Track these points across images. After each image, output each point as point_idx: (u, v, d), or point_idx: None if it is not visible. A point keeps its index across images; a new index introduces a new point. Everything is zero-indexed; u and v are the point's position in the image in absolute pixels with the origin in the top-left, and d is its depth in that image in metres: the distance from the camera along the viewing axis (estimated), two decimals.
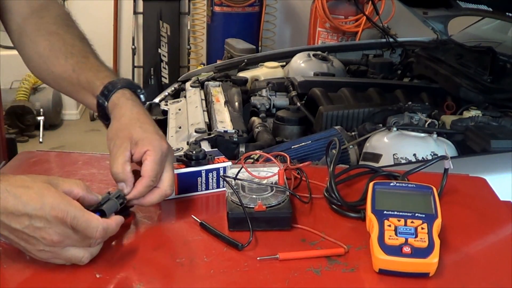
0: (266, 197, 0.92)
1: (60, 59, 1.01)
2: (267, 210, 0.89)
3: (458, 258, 0.84)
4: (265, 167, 0.99)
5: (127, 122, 0.91)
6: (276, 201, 0.90)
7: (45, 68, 1.03)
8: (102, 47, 5.07)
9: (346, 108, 2.03)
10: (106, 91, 0.95)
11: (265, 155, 0.99)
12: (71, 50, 1.01)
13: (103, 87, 0.95)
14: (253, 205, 0.89)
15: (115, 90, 0.95)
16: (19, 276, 0.77)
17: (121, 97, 0.94)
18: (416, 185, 0.93)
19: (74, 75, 0.99)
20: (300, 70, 2.58)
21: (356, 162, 1.73)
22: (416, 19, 2.73)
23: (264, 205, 0.89)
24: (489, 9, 2.30)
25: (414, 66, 2.57)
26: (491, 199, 1.04)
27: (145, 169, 0.87)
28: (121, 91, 0.95)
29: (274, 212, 0.89)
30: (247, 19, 4.75)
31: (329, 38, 4.50)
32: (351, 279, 0.78)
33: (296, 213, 0.93)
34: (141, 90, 0.99)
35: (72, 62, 1.00)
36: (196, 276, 0.78)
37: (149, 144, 0.88)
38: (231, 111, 2.05)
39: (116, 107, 0.94)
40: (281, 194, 0.93)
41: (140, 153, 0.88)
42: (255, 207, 0.89)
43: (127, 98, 0.95)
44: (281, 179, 0.95)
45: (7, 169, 1.11)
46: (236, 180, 0.95)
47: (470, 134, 1.74)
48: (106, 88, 0.95)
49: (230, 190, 0.93)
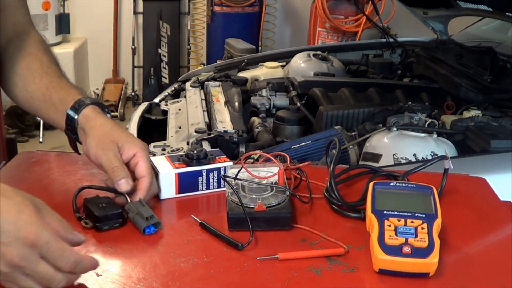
0: (266, 197, 0.92)
1: (36, 78, 1.06)
2: (267, 210, 0.89)
3: (458, 258, 0.84)
4: (265, 167, 0.99)
5: (108, 130, 0.97)
6: (276, 201, 0.90)
7: (21, 86, 1.07)
8: (102, 47, 5.07)
9: (346, 108, 2.03)
10: (77, 105, 0.99)
11: (265, 155, 0.99)
12: (46, 71, 1.06)
13: (74, 102, 1.00)
14: (253, 205, 0.89)
15: (86, 105, 0.99)
16: None
17: (92, 111, 1.00)
18: (416, 185, 0.93)
19: (47, 93, 1.04)
20: (300, 70, 2.58)
21: (356, 162, 1.73)
22: (416, 19, 2.73)
23: (264, 205, 0.89)
24: (489, 9, 2.30)
25: (414, 66, 2.57)
26: (491, 199, 1.04)
27: (142, 169, 0.93)
28: (92, 106, 1.01)
29: (274, 212, 0.89)
30: (247, 19, 4.75)
31: (329, 38, 4.50)
32: (351, 279, 0.78)
33: (296, 213, 0.93)
34: (108, 109, 1.04)
35: (46, 81, 1.05)
36: (196, 276, 0.78)
37: (136, 146, 0.95)
38: (231, 111, 2.05)
39: (89, 120, 0.99)
40: (281, 194, 0.93)
41: (128, 155, 0.94)
42: (255, 207, 0.89)
43: (98, 112, 1.00)
44: (281, 179, 0.95)
45: (7, 169, 1.11)
46: (236, 180, 0.95)
47: (470, 134, 1.74)
48: (77, 103, 1.00)
49: (230, 190, 0.93)
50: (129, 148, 0.94)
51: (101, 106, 1.02)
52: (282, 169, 0.95)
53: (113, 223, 0.87)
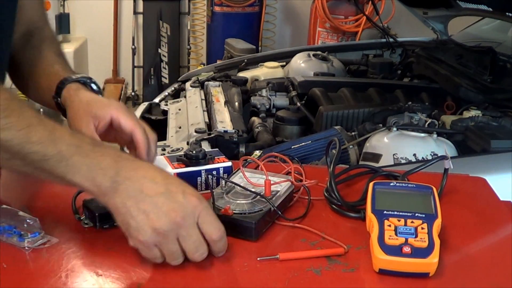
0: (242, 203, 0.88)
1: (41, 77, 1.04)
2: (233, 216, 0.85)
3: (458, 258, 0.84)
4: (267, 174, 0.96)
5: (79, 105, 0.94)
6: (249, 209, 0.86)
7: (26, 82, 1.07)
8: (102, 47, 5.06)
9: (346, 108, 2.03)
10: (58, 89, 0.98)
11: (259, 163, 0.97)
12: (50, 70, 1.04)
13: (55, 87, 0.98)
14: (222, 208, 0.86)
15: (65, 85, 0.97)
16: (19, 276, 0.76)
17: (68, 91, 0.97)
18: (416, 185, 0.93)
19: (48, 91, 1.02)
20: (300, 70, 2.58)
21: (356, 162, 1.73)
22: (416, 19, 2.73)
23: (232, 210, 0.85)
24: (489, 9, 2.30)
25: (414, 66, 2.57)
26: (491, 199, 1.04)
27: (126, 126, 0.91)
28: (69, 85, 0.98)
29: (238, 220, 0.84)
30: (247, 19, 4.75)
31: (329, 38, 4.50)
32: (351, 279, 0.78)
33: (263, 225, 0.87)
34: (91, 80, 1.01)
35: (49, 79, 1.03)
36: (197, 276, 0.78)
37: (109, 108, 0.92)
38: (231, 111, 2.05)
39: (66, 100, 0.97)
40: (261, 204, 0.88)
41: (106, 120, 0.91)
42: (222, 210, 0.86)
43: (74, 89, 0.97)
44: (268, 190, 0.91)
45: None
46: (227, 181, 0.93)
47: (470, 134, 1.74)
48: (58, 87, 0.98)
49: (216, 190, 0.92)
50: (103, 114, 0.91)
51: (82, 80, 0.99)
52: (269, 180, 0.91)
53: (113, 222, 0.87)
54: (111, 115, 0.92)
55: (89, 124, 0.91)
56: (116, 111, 0.92)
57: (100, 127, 0.92)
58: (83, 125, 0.91)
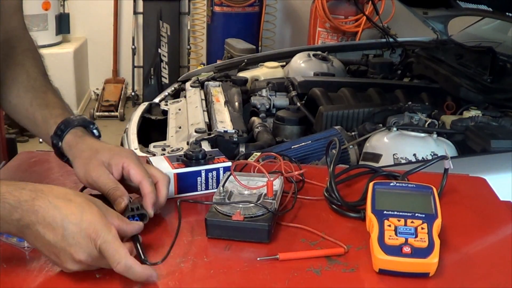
0: (249, 207, 0.87)
1: (20, 91, 1.03)
2: (245, 221, 0.85)
3: (458, 258, 0.84)
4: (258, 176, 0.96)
5: (91, 154, 0.92)
6: (257, 212, 0.86)
7: (5, 97, 1.04)
8: (102, 47, 5.07)
9: (346, 108, 2.03)
10: (59, 131, 0.96)
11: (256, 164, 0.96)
12: (32, 84, 1.03)
13: (56, 127, 0.96)
14: (232, 214, 0.86)
15: (68, 130, 0.96)
16: (19, 277, 0.76)
17: (74, 138, 0.95)
18: (416, 185, 0.93)
19: (31, 110, 1.01)
20: (300, 70, 2.58)
21: (356, 162, 1.73)
22: (416, 19, 2.73)
23: (243, 215, 0.85)
24: (489, 9, 2.30)
25: (414, 66, 2.57)
26: (491, 199, 1.04)
27: (135, 176, 0.89)
28: (73, 131, 0.96)
29: (251, 224, 0.85)
30: (247, 19, 4.75)
31: (329, 38, 4.50)
32: (351, 279, 0.78)
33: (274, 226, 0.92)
34: (94, 125, 1.00)
35: (31, 96, 1.02)
36: (196, 276, 0.78)
37: (121, 157, 0.91)
38: (231, 111, 2.05)
39: (71, 148, 0.95)
40: (267, 205, 0.87)
41: (118, 170, 0.90)
42: (233, 216, 0.85)
43: (79, 136, 0.96)
44: (270, 190, 0.90)
45: (7, 169, 1.11)
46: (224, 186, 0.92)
47: (470, 134, 1.74)
48: (59, 128, 0.96)
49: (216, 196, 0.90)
50: (116, 163, 0.90)
51: (84, 124, 0.98)
52: (271, 181, 0.90)
53: None
54: (122, 165, 0.90)
55: (108, 174, 0.90)
56: (127, 160, 0.91)
57: (115, 176, 0.91)
58: (102, 176, 0.89)
